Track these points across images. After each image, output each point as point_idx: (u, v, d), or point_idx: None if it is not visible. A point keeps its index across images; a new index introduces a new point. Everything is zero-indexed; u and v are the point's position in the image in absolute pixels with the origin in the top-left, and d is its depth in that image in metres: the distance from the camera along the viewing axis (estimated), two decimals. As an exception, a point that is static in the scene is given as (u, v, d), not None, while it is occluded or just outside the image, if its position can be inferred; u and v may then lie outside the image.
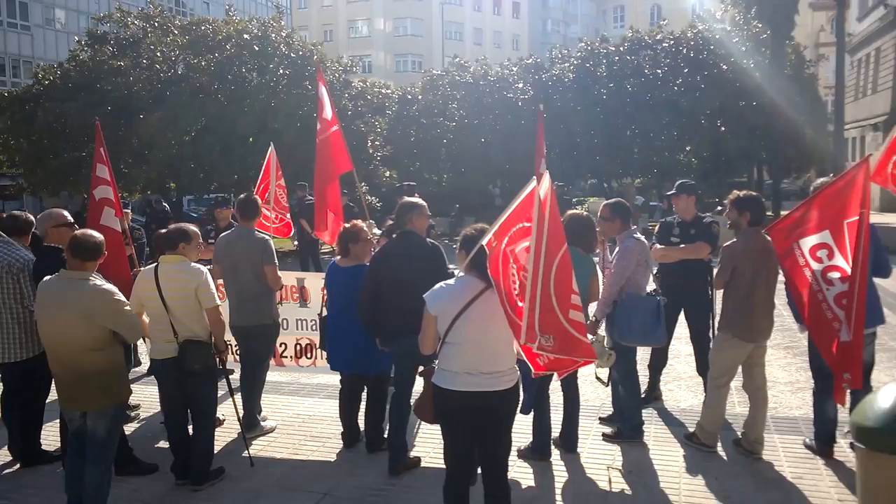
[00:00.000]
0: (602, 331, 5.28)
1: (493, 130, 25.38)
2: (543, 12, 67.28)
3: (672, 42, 24.70)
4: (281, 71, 20.50)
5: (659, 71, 23.96)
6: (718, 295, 5.26)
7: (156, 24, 21.57)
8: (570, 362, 3.39)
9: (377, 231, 6.50)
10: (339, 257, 5.19)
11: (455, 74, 27.81)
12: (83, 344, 4.04)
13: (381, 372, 5.18)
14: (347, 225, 5.17)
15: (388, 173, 22.91)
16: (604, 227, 5.38)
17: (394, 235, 6.58)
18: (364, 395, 5.37)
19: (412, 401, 4.66)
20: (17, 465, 5.22)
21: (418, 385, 4.66)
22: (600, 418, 5.77)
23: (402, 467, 4.83)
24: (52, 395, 4.97)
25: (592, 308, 5.21)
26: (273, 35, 21.02)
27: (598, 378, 5.54)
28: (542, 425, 4.99)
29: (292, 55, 20.88)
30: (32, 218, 5.65)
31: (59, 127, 19.57)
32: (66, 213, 5.39)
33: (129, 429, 5.43)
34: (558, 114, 22.74)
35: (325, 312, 5.44)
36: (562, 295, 3.25)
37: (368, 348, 4.93)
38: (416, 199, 5.01)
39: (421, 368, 4.54)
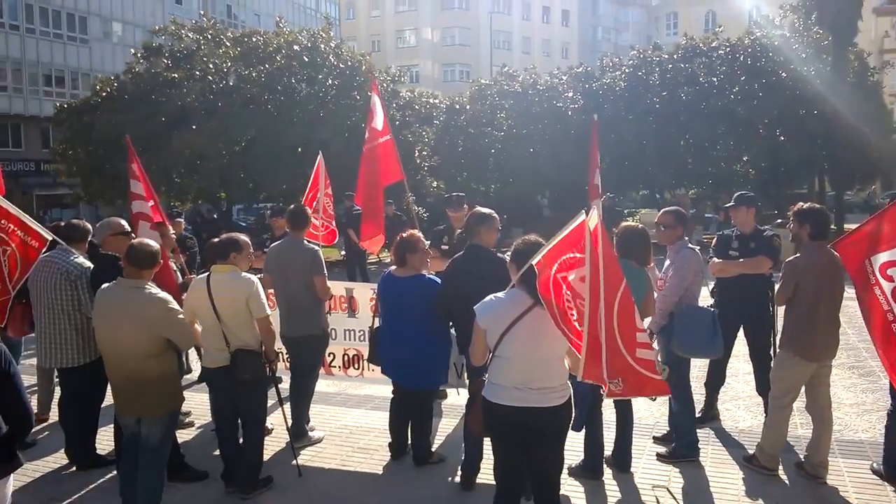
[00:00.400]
0: (654, 344, 5.12)
1: (542, 140, 25.20)
2: (594, 20, 66.78)
3: (728, 49, 24.16)
4: (330, 81, 20.77)
5: (714, 79, 23.45)
6: (780, 311, 5.06)
7: (209, 37, 22.10)
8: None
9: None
10: (394, 267, 5.13)
11: (503, 84, 27.74)
12: (139, 351, 4.09)
13: (431, 385, 5.11)
14: (404, 235, 5.06)
15: (434, 183, 22.96)
16: (664, 236, 5.23)
17: (440, 245, 6.66)
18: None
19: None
20: (74, 468, 5.33)
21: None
22: (654, 437, 5.59)
23: (472, 482, 4.77)
24: (108, 399, 5.07)
25: (647, 322, 5.05)
26: (322, 46, 21.32)
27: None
28: (594, 443, 4.86)
29: (341, 66, 21.14)
30: (89, 226, 5.80)
31: (115, 138, 20.18)
32: (123, 222, 5.50)
33: (181, 435, 5.48)
34: (609, 123, 22.42)
35: (376, 324, 5.37)
36: (627, 334, 3.14)
37: (421, 360, 4.87)
38: (487, 211, 4.85)
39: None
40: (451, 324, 4.98)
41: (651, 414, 6.13)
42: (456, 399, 6.33)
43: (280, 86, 20.39)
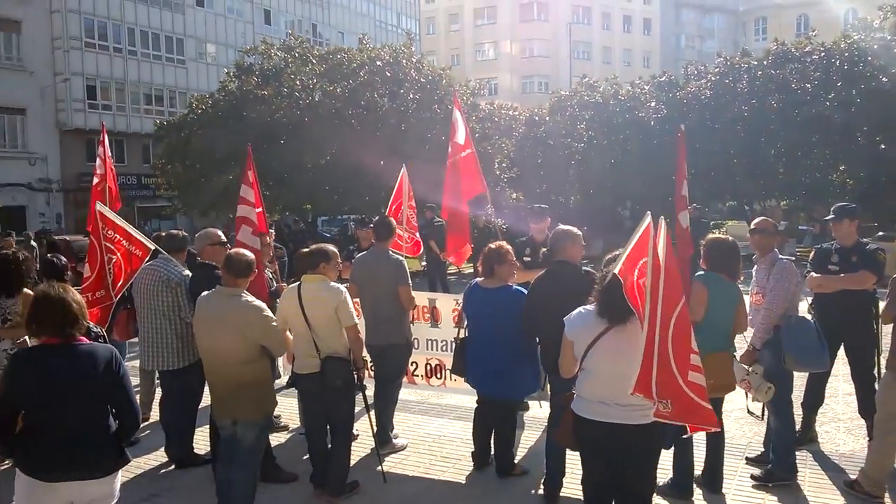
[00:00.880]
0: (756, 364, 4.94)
1: (624, 151, 24.75)
2: (676, 27, 65.21)
3: (823, 54, 23.06)
4: (411, 96, 21.12)
5: (808, 85, 22.40)
6: (885, 329, 4.78)
7: (296, 55, 22.91)
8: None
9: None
10: (481, 278, 5.16)
11: (584, 94, 27.44)
12: (235, 356, 4.27)
13: (516, 396, 5.10)
14: (493, 246, 5.09)
15: (514, 195, 22.91)
16: (761, 242, 5.07)
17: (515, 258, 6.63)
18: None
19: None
20: (172, 466, 5.60)
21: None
22: (747, 458, 5.37)
23: (555, 496, 4.74)
24: (205, 401, 5.31)
25: (739, 340, 4.88)
26: (404, 61, 21.73)
27: (750, 412, 5.15)
28: (683, 461, 4.72)
29: (422, 80, 21.47)
30: (188, 237, 6.11)
31: (209, 152, 21.15)
32: (220, 233, 5.77)
33: (273, 438, 5.66)
34: (694, 132, 21.74)
35: (462, 335, 5.39)
36: (681, 353, 3.00)
37: (507, 371, 4.88)
38: (571, 228, 4.88)
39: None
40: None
41: (743, 433, 5.90)
42: (538, 411, 6.28)
43: (363, 101, 20.88)
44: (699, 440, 4.87)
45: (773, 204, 26.24)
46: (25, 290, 5.11)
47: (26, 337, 4.53)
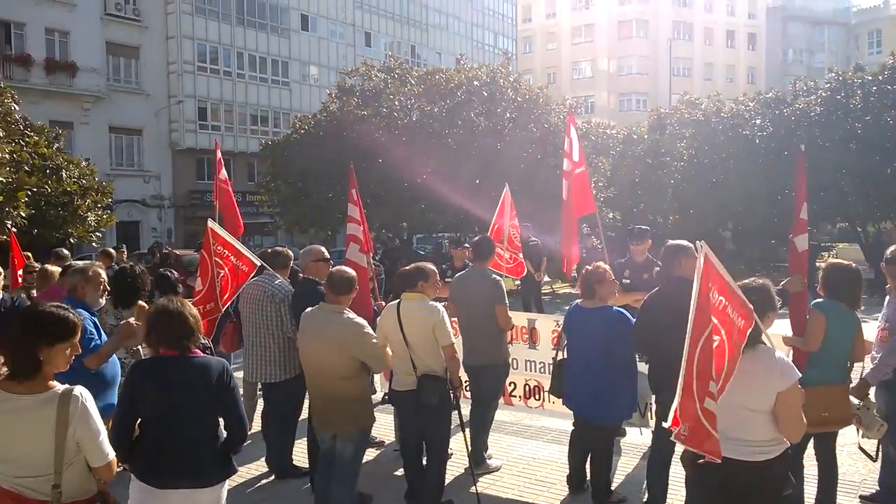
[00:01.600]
0: (871, 395, 4.58)
1: (726, 170, 23.80)
2: (783, 42, 62.38)
3: (944, 67, 21.45)
4: (507, 115, 21.16)
5: (929, 101, 20.89)
6: None
7: (395, 76, 23.46)
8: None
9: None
10: (581, 299, 5.06)
11: (684, 112, 26.66)
12: (336, 372, 4.34)
13: (614, 420, 4.94)
14: (590, 266, 5.00)
15: (611, 215, 22.47)
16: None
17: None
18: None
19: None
20: (272, 477, 5.75)
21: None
22: (861, 496, 5.00)
23: None
24: (305, 413, 5.42)
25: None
26: (501, 80, 21.83)
27: (862, 450, 4.77)
28: (795, 499, 4.40)
29: (518, 99, 21.49)
30: (291, 253, 6.31)
31: (310, 171, 21.91)
32: (323, 249, 5.92)
33: (367, 453, 5.71)
34: (805, 151, 20.67)
35: (560, 356, 5.29)
36: (702, 377, 2.91)
37: (605, 395, 4.73)
38: (682, 242, 4.72)
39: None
40: (639, 359, 4.82)
41: (857, 470, 5.48)
42: (636, 438, 6.07)
43: (460, 120, 21.10)
44: (811, 476, 4.57)
45: (889, 227, 24.45)
46: (140, 302, 5.39)
47: (139, 346, 4.80)
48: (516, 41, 55.47)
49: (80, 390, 2.71)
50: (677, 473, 4.74)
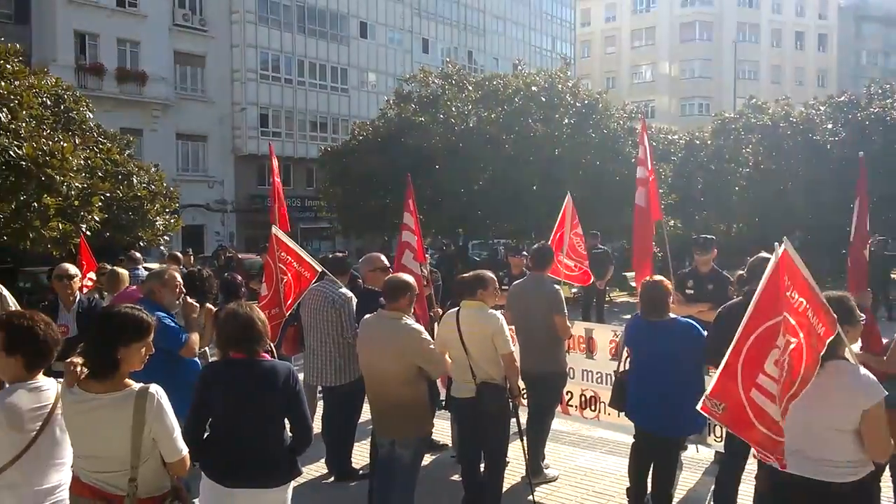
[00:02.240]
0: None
1: (794, 177, 22.98)
2: (857, 43, 59.99)
3: None
4: (566, 121, 20.99)
5: None
6: None
7: (453, 82, 23.56)
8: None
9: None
10: (643, 312, 4.92)
11: (750, 116, 25.88)
12: (395, 377, 4.38)
13: (677, 433, 4.78)
14: (654, 279, 4.89)
15: (672, 222, 22.00)
16: None
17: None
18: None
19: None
20: (332, 479, 5.83)
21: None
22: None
23: None
24: (364, 415, 5.49)
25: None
26: (559, 86, 21.67)
27: None
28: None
29: (577, 105, 21.29)
30: (351, 261, 6.40)
31: (368, 177, 22.19)
32: (383, 258, 5.98)
33: (427, 459, 5.73)
34: (878, 157, 19.79)
35: (622, 368, 5.17)
36: (749, 367, 2.91)
37: (671, 408, 4.57)
38: (770, 256, 4.59)
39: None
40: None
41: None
42: (696, 453, 5.91)
43: (517, 126, 21.03)
44: (887, 498, 4.36)
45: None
46: (207, 305, 5.55)
47: (207, 349, 4.98)
48: (574, 45, 54.98)
49: (156, 388, 2.82)
50: (746, 492, 4.62)
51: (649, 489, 5.00)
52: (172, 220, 15.20)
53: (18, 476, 2.79)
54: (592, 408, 6.25)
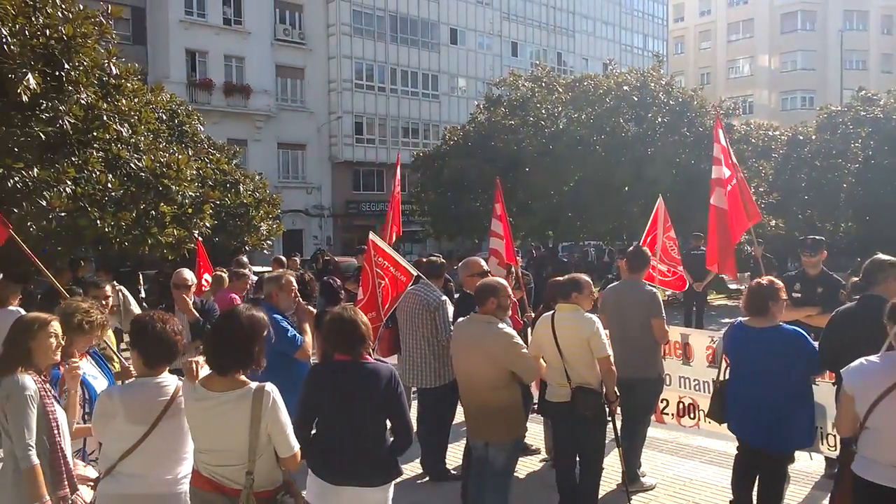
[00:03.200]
0: None
1: (910, 172, 21.46)
2: (982, 26, 55.28)
3: None
4: (659, 119, 20.49)
5: None
6: None
7: (542, 84, 23.47)
8: None
9: None
10: (746, 317, 4.68)
11: (859, 108, 24.34)
12: (487, 381, 4.44)
13: (786, 450, 4.56)
14: (764, 281, 4.58)
15: (773, 222, 21.03)
16: None
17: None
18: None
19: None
20: (426, 479, 5.96)
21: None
22: None
23: None
24: (458, 416, 5.58)
25: None
26: (652, 84, 21.18)
27: None
28: None
29: (671, 103, 20.74)
30: (445, 264, 6.52)
31: (459, 180, 22.43)
32: (482, 262, 6.05)
33: (520, 463, 5.77)
34: None
35: (721, 377, 4.95)
36: None
37: (778, 421, 4.39)
38: (887, 258, 4.38)
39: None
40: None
41: None
42: (807, 464, 5.66)
43: (608, 127, 20.72)
44: None
45: None
46: (308, 307, 5.81)
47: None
48: (667, 42, 53.39)
49: (271, 387, 3.00)
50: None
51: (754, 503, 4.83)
52: (275, 226, 15.94)
53: (138, 465, 3.03)
54: (691, 415, 6.09)
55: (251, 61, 31.63)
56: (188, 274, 6.34)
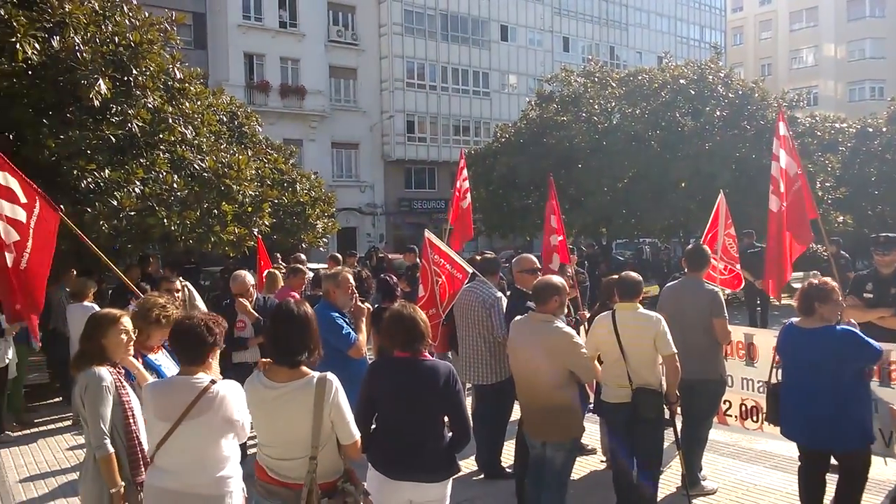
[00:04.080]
0: None
1: None
2: None
3: None
4: (718, 113, 19.97)
5: None
6: None
7: (595, 80, 23.14)
8: None
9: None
10: (797, 318, 4.59)
11: (935, 98, 23.28)
12: (545, 380, 4.42)
13: (851, 448, 4.37)
14: (815, 281, 4.50)
15: (840, 218, 20.26)
16: None
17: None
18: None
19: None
20: (482, 476, 5.98)
21: None
22: None
23: None
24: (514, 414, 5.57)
25: None
26: (710, 77, 20.65)
27: None
28: None
29: (730, 95, 20.18)
30: (500, 261, 6.52)
31: (510, 178, 22.32)
32: (534, 259, 6.04)
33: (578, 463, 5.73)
34: None
35: (775, 379, 4.81)
36: None
37: (831, 419, 4.26)
38: None
39: None
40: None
41: None
42: (881, 470, 5.43)
43: (663, 121, 20.30)
44: None
45: None
46: (366, 304, 5.88)
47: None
48: (725, 33, 51.96)
49: (332, 376, 3.07)
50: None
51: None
52: (330, 224, 16.21)
53: (168, 461, 3.09)
54: (754, 418, 5.94)
55: (306, 63, 32.16)
56: (248, 279, 6.51)
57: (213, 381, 3.10)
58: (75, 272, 8.81)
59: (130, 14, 8.52)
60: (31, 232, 4.70)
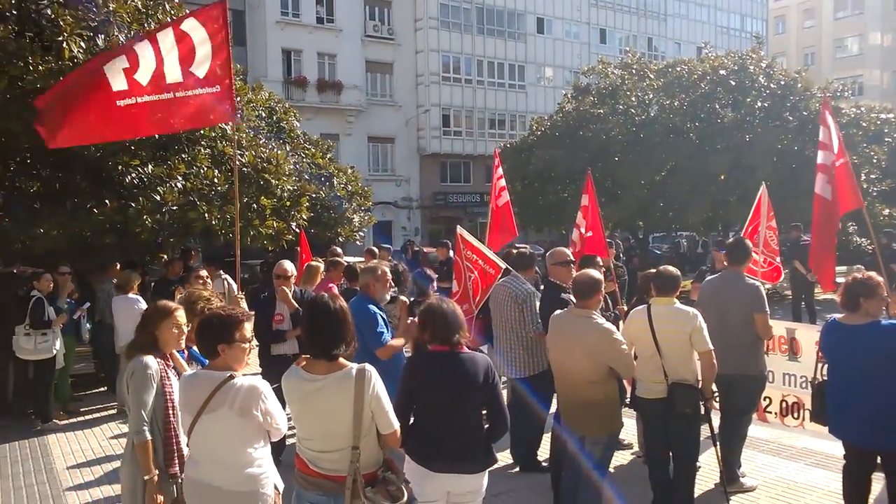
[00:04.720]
0: None
1: None
2: None
3: None
4: (759, 104, 19.55)
5: None
6: None
7: (633, 72, 22.83)
8: None
9: None
10: (841, 314, 4.47)
11: None
12: (585, 375, 4.42)
13: (886, 445, 4.23)
14: (859, 275, 4.39)
15: (886, 211, 19.70)
16: None
17: None
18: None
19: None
20: (517, 469, 6.00)
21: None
22: None
23: None
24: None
25: None
26: (751, 67, 20.22)
27: None
28: None
29: (772, 86, 19.74)
30: (534, 256, 6.51)
31: (546, 171, 22.18)
32: (567, 251, 6.02)
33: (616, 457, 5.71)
34: None
35: (819, 378, 4.68)
36: None
37: (878, 415, 4.15)
38: None
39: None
40: None
41: None
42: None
43: (703, 113, 19.96)
44: None
45: None
46: (402, 297, 5.94)
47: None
48: (767, 22, 50.79)
49: (370, 367, 3.10)
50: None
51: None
52: (366, 217, 16.32)
53: (195, 452, 3.16)
54: (795, 415, 5.85)
55: (342, 58, 32.41)
56: (288, 265, 6.59)
57: (231, 376, 3.10)
58: (119, 265, 9.05)
59: (172, 12, 8.68)
60: None
